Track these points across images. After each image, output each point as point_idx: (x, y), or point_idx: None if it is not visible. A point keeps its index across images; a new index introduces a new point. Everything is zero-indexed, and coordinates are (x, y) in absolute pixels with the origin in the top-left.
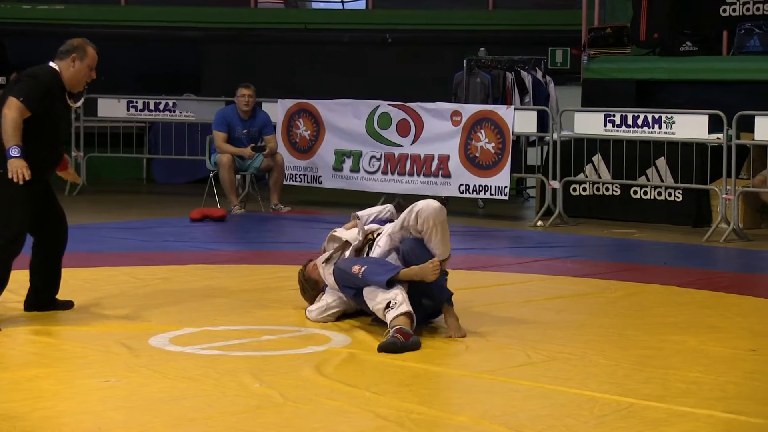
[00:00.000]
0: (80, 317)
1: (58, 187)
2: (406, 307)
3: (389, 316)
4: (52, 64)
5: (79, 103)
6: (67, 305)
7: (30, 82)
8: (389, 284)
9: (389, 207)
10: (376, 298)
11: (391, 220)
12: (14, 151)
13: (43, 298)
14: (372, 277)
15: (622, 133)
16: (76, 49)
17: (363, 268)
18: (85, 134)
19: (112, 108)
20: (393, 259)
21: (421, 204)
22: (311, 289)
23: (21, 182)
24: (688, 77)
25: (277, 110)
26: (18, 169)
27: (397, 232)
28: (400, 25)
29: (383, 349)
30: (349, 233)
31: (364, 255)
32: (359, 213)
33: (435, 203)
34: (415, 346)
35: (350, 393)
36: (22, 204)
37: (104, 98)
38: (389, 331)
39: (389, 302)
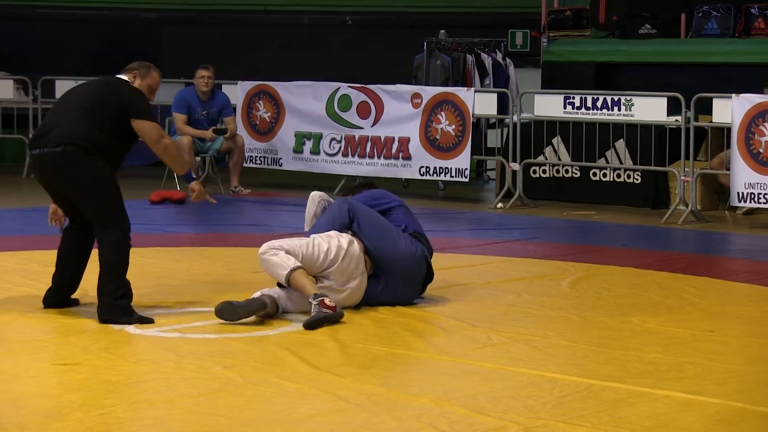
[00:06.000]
0: (39, 301)
1: (17, 169)
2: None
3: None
4: (122, 76)
5: None
6: (76, 303)
7: (145, 99)
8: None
9: (318, 199)
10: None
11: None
12: (194, 174)
13: (62, 295)
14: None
15: (582, 115)
16: (140, 68)
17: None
18: (43, 116)
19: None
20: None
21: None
22: None
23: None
24: (647, 60)
25: (236, 92)
26: (202, 195)
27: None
28: (360, 7)
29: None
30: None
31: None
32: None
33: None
34: (339, 316)
35: (311, 375)
36: (119, 193)
37: (62, 80)
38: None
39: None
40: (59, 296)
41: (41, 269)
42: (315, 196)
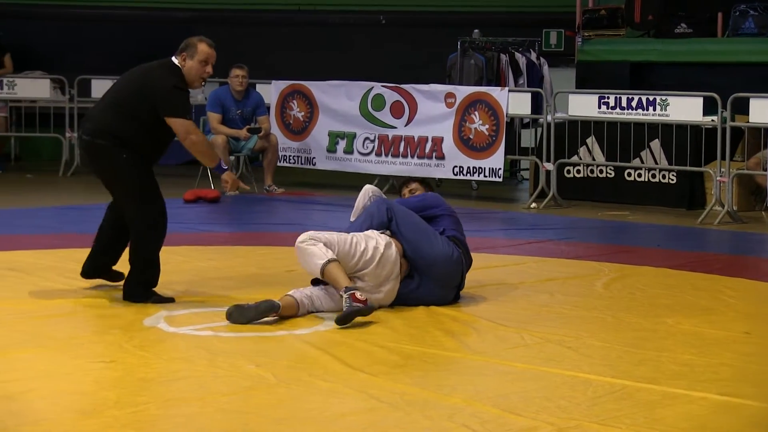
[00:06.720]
0: (75, 298)
1: (53, 168)
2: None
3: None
4: (174, 59)
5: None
6: (119, 276)
7: (183, 96)
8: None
9: (370, 194)
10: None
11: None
12: (225, 165)
13: (98, 262)
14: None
15: (617, 115)
16: (187, 47)
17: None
18: (79, 115)
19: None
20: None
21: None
22: None
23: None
24: (683, 59)
25: (270, 92)
26: (236, 184)
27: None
28: (394, 7)
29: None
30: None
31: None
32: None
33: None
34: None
35: (343, 374)
36: (151, 179)
37: (99, 79)
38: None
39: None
40: (95, 264)
41: (77, 267)
42: (368, 189)
